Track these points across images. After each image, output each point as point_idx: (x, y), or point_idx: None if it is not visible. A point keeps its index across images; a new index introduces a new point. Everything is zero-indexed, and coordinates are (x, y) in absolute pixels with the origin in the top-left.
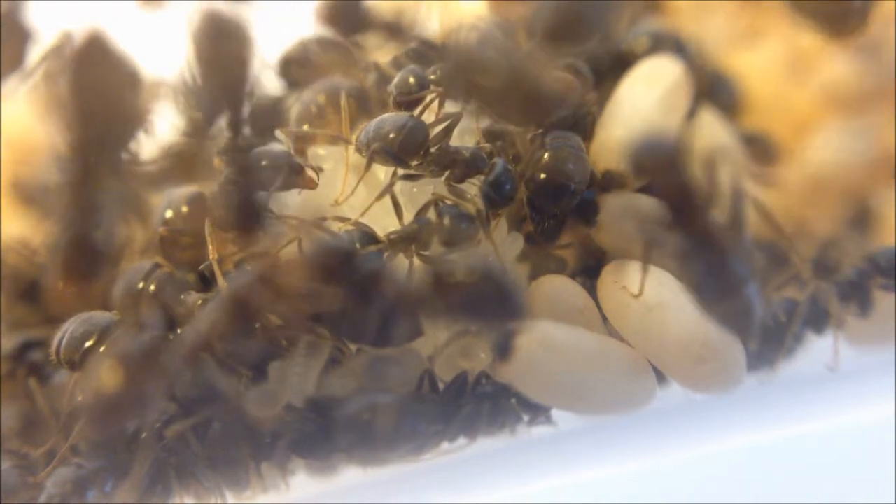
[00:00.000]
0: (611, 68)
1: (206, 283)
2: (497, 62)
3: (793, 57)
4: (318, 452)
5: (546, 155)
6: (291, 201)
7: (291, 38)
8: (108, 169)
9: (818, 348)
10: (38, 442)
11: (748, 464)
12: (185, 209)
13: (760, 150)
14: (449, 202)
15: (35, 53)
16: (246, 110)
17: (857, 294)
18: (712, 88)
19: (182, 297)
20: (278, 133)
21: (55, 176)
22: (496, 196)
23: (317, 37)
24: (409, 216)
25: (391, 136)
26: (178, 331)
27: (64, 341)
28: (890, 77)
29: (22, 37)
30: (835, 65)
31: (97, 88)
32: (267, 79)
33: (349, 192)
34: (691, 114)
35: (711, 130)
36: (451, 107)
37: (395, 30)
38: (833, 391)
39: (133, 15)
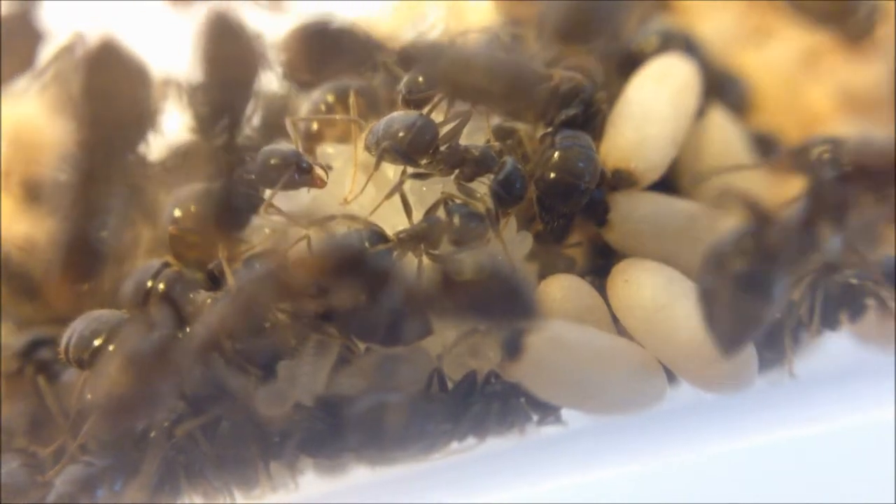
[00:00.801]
0: (620, 67)
1: (215, 281)
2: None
3: (803, 55)
4: (327, 451)
5: (556, 154)
6: (300, 200)
7: None
8: (115, 170)
9: (832, 348)
10: (46, 440)
11: (760, 464)
12: (193, 208)
13: (770, 148)
14: (458, 201)
15: (46, 53)
16: (251, 110)
17: (851, 299)
18: (722, 87)
19: (191, 295)
20: (287, 123)
21: (62, 175)
22: (506, 195)
23: None
24: (418, 215)
25: (400, 134)
26: (188, 329)
27: (73, 340)
28: None
29: (34, 37)
30: (846, 64)
31: (108, 91)
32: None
33: (358, 190)
34: (701, 113)
35: (721, 130)
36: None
37: (372, 49)
38: (845, 391)
39: (145, 10)
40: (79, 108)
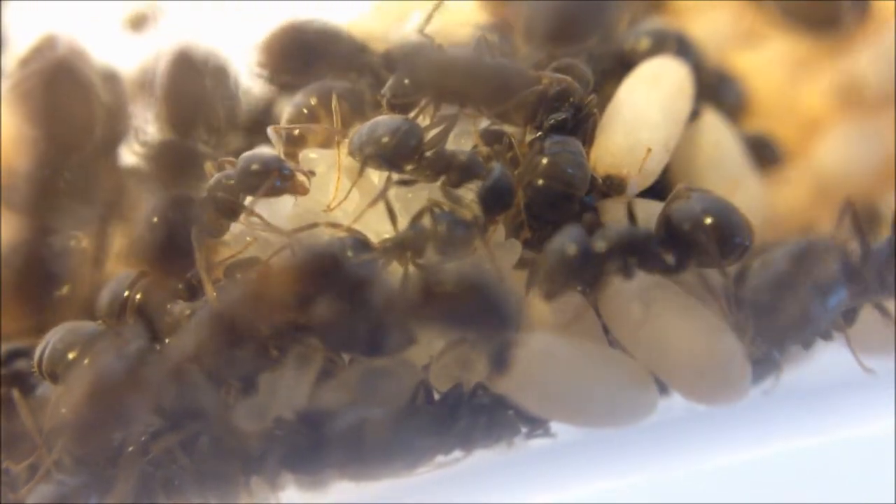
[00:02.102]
0: (612, 69)
1: (193, 291)
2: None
3: (799, 56)
4: (309, 467)
5: (544, 160)
6: (283, 207)
7: None
8: (81, 182)
9: (827, 360)
10: (19, 456)
11: (753, 476)
12: (172, 215)
13: (765, 152)
14: (445, 208)
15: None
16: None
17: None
18: (716, 89)
19: (168, 306)
20: (270, 132)
21: (19, 188)
22: (493, 202)
23: None
24: (403, 222)
25: (384, 140)
26: (166, 341)
27: (46, 353)
28: None
29: None
30: (843, 66)
31: (65, 109)
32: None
33: (342, 197)
34: (694, 115)
35: (715, 133)
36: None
37: (355, 52)
38: (839, 402)
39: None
40: (38, 121)
